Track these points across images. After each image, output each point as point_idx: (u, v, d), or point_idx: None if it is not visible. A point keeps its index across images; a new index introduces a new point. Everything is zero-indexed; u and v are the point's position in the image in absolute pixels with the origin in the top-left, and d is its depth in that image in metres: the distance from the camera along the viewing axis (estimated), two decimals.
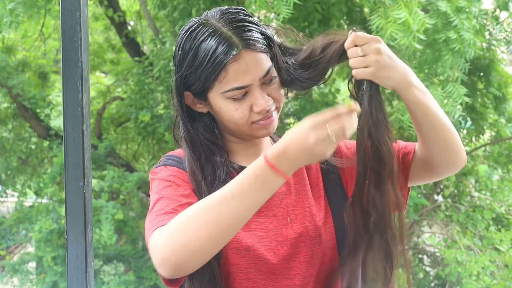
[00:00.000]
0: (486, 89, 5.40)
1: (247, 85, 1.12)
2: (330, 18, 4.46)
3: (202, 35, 1.12)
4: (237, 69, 1.11)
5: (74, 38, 1.29)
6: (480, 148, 6.28)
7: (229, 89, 1.13)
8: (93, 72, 8.58)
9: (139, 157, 8.44)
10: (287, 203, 1.22)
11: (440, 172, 1.25)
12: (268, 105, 1.15)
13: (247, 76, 1.12)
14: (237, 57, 1.10)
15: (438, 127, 1.16)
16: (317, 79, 1.17)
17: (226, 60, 1.10)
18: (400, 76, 1.09)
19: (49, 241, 6.19)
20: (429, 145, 1.19)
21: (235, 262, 1.16)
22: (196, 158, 1.20)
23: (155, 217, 1.08)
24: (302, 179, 1.26)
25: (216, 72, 1.11)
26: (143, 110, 6.17)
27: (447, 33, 3.36)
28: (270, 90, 1.16)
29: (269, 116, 1.17)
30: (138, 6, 7.50)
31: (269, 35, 1.17)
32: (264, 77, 1.14)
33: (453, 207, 5.86)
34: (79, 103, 1.29)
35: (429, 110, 1.15)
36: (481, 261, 4.76)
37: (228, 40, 1.10)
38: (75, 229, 1.29)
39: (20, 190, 7.64)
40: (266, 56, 1.14)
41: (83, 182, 1.29)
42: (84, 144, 1.30)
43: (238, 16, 1.14)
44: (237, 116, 1.16)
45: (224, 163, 1.21)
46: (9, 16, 3.94)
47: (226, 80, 1.12)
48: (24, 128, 7.75)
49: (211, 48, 1.10)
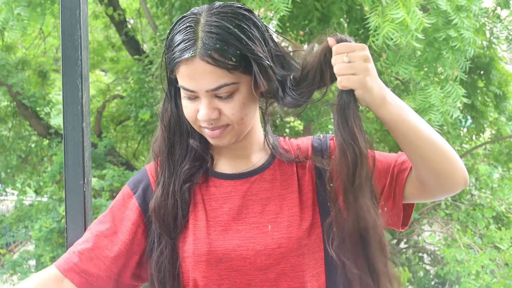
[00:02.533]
0: (486, 87, 5.40)
1: (192, 90, 1.10)
2: (330, 16, 4.45)
3: (180, 26, 1.11)
4: (185, 72, 1.09)
5: (73, 36, 1.29)
6: (480, 146, 6.29)
7: (180, 85, 1.12)
8: (93, 70, 8.57)
9: (139, 156, 8.44)
10: (269, 210, 1.17)
11: (435, 194, 1.16)
12: (208, 118, 1.10)
13: (192, 82, 1.09)
14: (188, 61, 1.07)
15: (421, 146, 1.07)
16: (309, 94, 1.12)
17: (178, 59, 1.08)
18: (378, 91, 1.04)
19: (48, 240, 6.18)
20: (416, 165, 1.11)
21: (206, 274, 1.13)
22: (167, 135, 1.20)
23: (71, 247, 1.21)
24: (290, 186, 1.20)
25: (172, 65, 1.11)
26: (143, 109, 6.16)
27: (447, 32, 3.36)
28: (221, 105, 1.10)
29: (214, 129, 1.12)
30: (137, 4, 7.48)
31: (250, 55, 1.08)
32: (212, 91, 1.08)
33: (453, 205, 5.85)
34: (79, 101, 1.29)
35: (408, 128, 1.06)
36: (481, 260, 4.76)
37: (190, 41, 1.07)
38: (75, 228, 1.29)
39: (20, 189, 7.63)
40: (225, 72, 1.07)
41: (83, 181, 1.29)
42: (84, 143, 1.29)
43: (220, 23, 1.07)
44: (185, 113, 1.15)
45: (201, 148, 1.20)
46: (16, 20, 3.94)
47: (179, 76, 1.11)
48: (24, 127, 7.74)
49: (176, 42, 1.09)
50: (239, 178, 1.20)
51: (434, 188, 1.14)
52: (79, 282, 1.15)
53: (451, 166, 1.10)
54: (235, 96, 1.10)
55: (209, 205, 1.18)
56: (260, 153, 1.24)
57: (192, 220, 1.17)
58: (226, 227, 1.16)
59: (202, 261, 1.13)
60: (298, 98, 1.11)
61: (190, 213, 1.18)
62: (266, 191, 1.19)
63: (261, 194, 1.19)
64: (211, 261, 1.13)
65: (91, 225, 1.23)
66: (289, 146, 1.27)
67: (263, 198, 1.18)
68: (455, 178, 1.11)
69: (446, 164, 1.09)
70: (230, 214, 1.17)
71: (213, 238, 1.14)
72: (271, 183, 1.20)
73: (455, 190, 1.14)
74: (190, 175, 1.19)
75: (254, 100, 1.14)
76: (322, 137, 1.30)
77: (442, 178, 1.10)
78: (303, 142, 1.28)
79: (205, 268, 1.13)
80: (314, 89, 1.11)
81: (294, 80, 1.12)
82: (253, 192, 1.19)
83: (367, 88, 1.03)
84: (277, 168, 1.22)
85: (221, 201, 1.18)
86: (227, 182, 1.20)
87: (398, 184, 1.18)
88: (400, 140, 1.09)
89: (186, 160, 1.20)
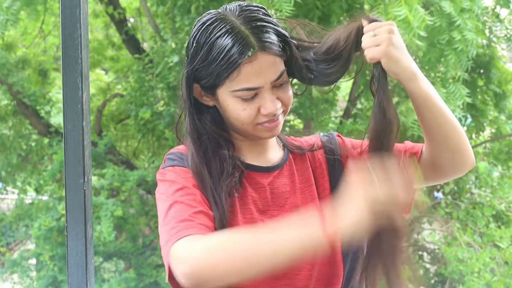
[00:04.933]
0: (486, 86, 5.40)
1: (258, 87, 1.11)
2: (330, 14, 4.46)
3: (218, 31, 1.10)
4: (250, 71, 1.09)
5: (74, 35, 1.29)
6: (480, 145, 6.29)
7: (240, 89, 1.11)
8: (93, 69, 8.58)
9: (139, 154, 8.45)
10: (291, 203, 1.21)
11: (447, 173, 1.22)
12: (276, 109, 1.13)
13: (259, 78, 1.10)
14: (252, 58, 1.08)
15: (444, 124, 1.14)
16: (342, 70, 1.14)
17: (240, 60, 1.08)
18: (407, 64, 1.07)
19: (48, 239, 6.18)
20: (435, 143, 1.17)
21: None
22: (202, 152, 1.18)
23: (175, 224, 1.05)
24: (308, 179, 1.24)
25: (229, 71, 1.09)
26: (143, 107, 6.16)
27: (450, 34, 3.36)
28: (280, 93, 1.14)
29: (275, 119, 1.15)
30: (138, 3, 7.49)
31: (286, 37, 1.14)
32: (276, 80, 1.12)
33: (453, 204, 5.86)
34: (79, 100, 1.29)
35: (434, 105, 1.12)
36: (482, 258, 4.77)
37: (245, 40, 1.08)
38: (75, 226, 1.29)
39: (20, 187, 7.65)
40: (280, 59, 1.12)
41: (83, 179, 1.29)
42: (84, 141, 1.29)
43: (257, 15, 1.11)
44: (243, 116, 1.14)
45: (231, 156, 1.19)
46: (5, 14, 3.92)
47: (238, 79, 1.10)
48: (24, 125, 7.75)
49: (227, 46, 1.08)
50: (263, 171, 1.22)
51: (447, 167, 1.20)
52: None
53: (465, 146, 1.17)
54: (285, 82, 1.16)
55: (240, 193, 1.18)
56: (275, 149, 1.27)
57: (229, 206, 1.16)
58: (253, 215, 1.18)
59: None
60: (329, 71, 1.14)
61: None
62: (286, 185, 1.22)
63: (282, 188, 1.22)
64: None
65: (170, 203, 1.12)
66: (298, 141, 1.32)
67: (284, 191, 1.21)
68: (467, 157, 1.19)
69: (461, 143, 1.17)
70: (256, 205, 1.19)
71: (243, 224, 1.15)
72: (290, 177, 1.24)
73: (465, 169, 1.21)
74: (233, 185, 1.17)
75: None
76: (328, 134, 1.34)
77: (457, 157, 1.18)
78: (311, 139, 1.33)
79: None
80: (343, 65, 1.13)
81: (322, 54, 1.14)
82: (274, 185, 1.21)
83: (392, 58, 1.06)
84: (293, 164, 1.26)
85: (250, 190, 1.20)
86: (254, 173, 1.22)
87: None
88: (426, 117, 1.14)
89: (224, 174, 1.17)
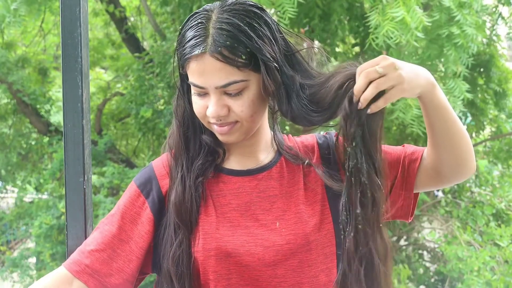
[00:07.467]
0: (486, 84, 5.39)
1: (202, 87, 1.11)
2: (330, 13, 4.46)
3: (192, 22, 1.12)
4: (195, 69, 1.10)
5: (73, 33, 1.29)
6: (480, 143, 6.28)
7: (190, 81, 1.13)
8: (93, 67, 8.57)
9: (139, 153, 8.44)
10: (277, 207, 1.18)
11: (448, 180, 1.21)
12: (217, 115, 1.11)
13: (201, 79, 1.10)
14: (199, 57, 1.08)
15: (454, 134, 1.13)
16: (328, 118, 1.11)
17: (189, 55, 1.09)
18: (424, 79, 1.06)
19: (48, 237, 6.18)
20: (442, 152, 1.15)
21: (215, 269, 1.14)
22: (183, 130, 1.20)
23: (80, 247, 1.20)
24: (296, 183, 1.22)
25: (183, 61, 1.12)
26: (143, 106, 6.15)
27: (450, 29, 3.36)
28: (231, 102, 1.11)
29: (223, 125, 1.13)
30: (138, 1, 7.48)
31: (260, 54, 1.08)
32: (223, 87, 1.09)
33: (453, 202, 5.86)
34: (79, 98, 1.29)
35: (449, 115, 1.11)
36: (482, 257, 4.77)
37: (201, 38, 1.08)
38: (75, 225, 1.29)
39: (20, 186, 7.64)
40: (235, 69, 1.08)
41: (83, 178, 1.29)
42: (84, 140, 1.29)
43: (232, 20, 1.08)
44: (196, 110, 1.16)
45: (212, 142, 1.21)
46: (12, 16, 3.93)
47: (189, 72, 1.12)
48: (24, 124, 7.74)
49: (188, 38, 1.10)
50: (247, 174, 1.21)
51: (450, 174, 1.19)
52: (93, 284, 1.15)
53: (470, 153, 1.17)
54: (244, 93, 1.11)
55: (217, 201, 1.19)
56: (267, 151, 1.25)
57: (202, 215, 1.18)
58: (234, 223, 1.16)
59: (211, 255, 1.14)
60: (307, 110, 1.10)
61: (201, 208, 1.18)
62: (273, 189, 1.20)
63: (269, 191, 1.20)
64: (220, 255, 1.13)
65: (99, 225, 1.23)
66: (294, 143, 1.29)
67: (271, 195, 1.19)
68: (470, 164, 1.18)
69: (468, 153, 1.16)
70: (239, 211, 1.18)
71: (222, 234, 1.15)
72: (278, 180, 1.21)
73: (467, 175, 1.21)
74: (204, 170, 1.20)
75: (263, 98, 1.15)
76: (325, 134, 1.32)
77: (461, 164, 1.17)
78: (307, 140, 1.30)
79: (214, 263, 1.14)
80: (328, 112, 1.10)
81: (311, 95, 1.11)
82: (260, 189, 1.20)
83: (410, 89, 1.04)
84: (284, 166, 1.24)
85: (229, 197, 1.19)
86: (235, 178, 1.21)
87: (410, 174, 1.21)
88: (439, 127, 1.12)
89: (201, 155, 1.21)
